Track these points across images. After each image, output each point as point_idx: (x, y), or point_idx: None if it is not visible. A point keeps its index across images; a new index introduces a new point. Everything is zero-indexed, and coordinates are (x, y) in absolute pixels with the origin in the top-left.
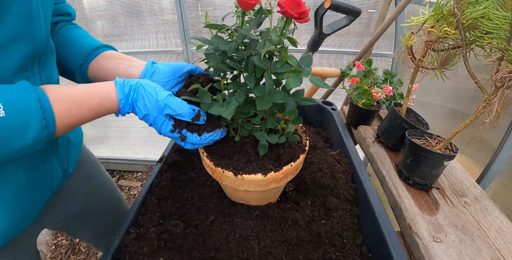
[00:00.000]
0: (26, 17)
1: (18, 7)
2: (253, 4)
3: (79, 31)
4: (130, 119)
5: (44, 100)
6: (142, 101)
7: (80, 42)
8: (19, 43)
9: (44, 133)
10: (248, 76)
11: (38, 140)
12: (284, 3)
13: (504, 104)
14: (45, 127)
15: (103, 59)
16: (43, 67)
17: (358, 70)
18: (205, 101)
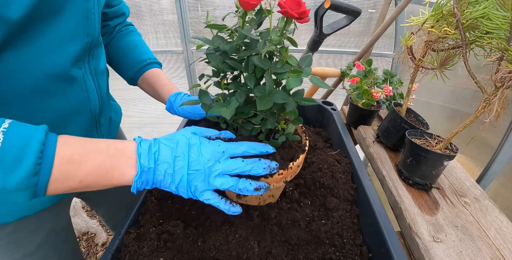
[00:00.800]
0: (84, 15)
1: (78, 6)
2: (255, 5)
3: (132, 38)
4: (130, 119)
5: (50, 146)
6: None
7: (133, 53)
8: (77, 38)
9: (33, 181)
10: (248, 76)
11: (22, 186)
12: (285, 3)
13: (504, 104)
14: (37, 174)
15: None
16: (92, 57)
17: (358, 70)
18: (205, 102)
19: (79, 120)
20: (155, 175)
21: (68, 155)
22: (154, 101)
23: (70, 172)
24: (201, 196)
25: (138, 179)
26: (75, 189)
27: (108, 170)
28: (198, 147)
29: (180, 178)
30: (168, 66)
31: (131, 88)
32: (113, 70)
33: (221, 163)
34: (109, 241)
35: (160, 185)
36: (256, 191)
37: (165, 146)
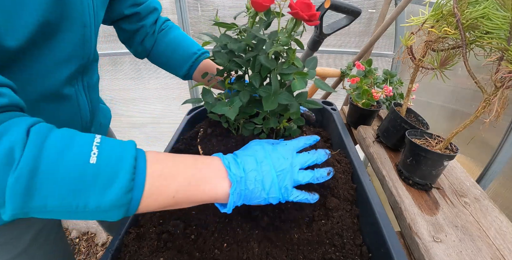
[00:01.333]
0: (80, 40)
1: (74, 33)
2: (268, 6)
3: (174, 33)
4: (130, 119)
5: (141, 161)
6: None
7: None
8: (72, 61)
9: (127, 198)
10: (253, 75)
11: (117, 203)
12: (296, 5)
13: (504, 104)
14: (131, 191)
15: (207, 65)
16: (86, 73)
17: (358, 70)
18: (208, 100)
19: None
20: (247, 185)
21: (159, 170)
22: (154, 101)
23: (162, 187)
24: (291, 195)
25: (234, 191)
26: (166, 207)
27: (199, 184)
28: (274, 149)
29: (271, 181)
30: None
31: (131, 88)
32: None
33: (295, 159)
34: (109, 241)
35: (251, 196)
36: (328, 175)
37: (246, 156)
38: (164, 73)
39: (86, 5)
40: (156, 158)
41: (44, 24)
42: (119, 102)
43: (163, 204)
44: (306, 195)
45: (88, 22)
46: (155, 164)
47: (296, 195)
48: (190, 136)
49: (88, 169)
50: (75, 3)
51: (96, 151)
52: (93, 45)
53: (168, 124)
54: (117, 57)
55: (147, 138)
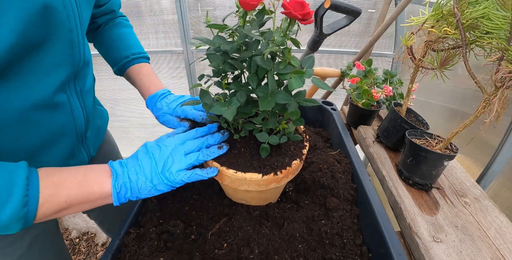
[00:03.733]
0: (68, 46)
1: (62, 39)
2: (255, 5)
3: (115, 31)
4: (130, 119)
5: (33, 179)
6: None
7: (116, 49)
8: (62, 68)
9: (23, 211)
10: (250, 76)
11: (14, 218)
12: (289, 4)
13: (504, 104)
14: (26, 205)
15: (132, 73)
16: (78, 79)
17: (358, 70)
18: (206, 101)
19: (65, 141)
20: (130, 177)
21: (50, 181)
22: None
23: (54, 194)
24: (178, 176)
25: (116, 182)
26: (61, 211)
27: (88, 184)
28: (157, 144)
29: (150, 171)
30: (168, 66)
31: (131, 88)
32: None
33: (182, 146)
34: (109, 241)
35: (138, 187)
36: (220, 149)
37: (130, 158)
38: (163, 73)
39: (70, 10)
40: (47, 172)
41: (29, 35)
42: (119, 102)
43: (58, 209)
44: (196, 171)
45: (74, 26)
46: (46, 177)
47: (184, 174)
48: None
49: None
50: (58, 9)
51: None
52: (82, 49)
53: None
54: None
55: (147, 138)
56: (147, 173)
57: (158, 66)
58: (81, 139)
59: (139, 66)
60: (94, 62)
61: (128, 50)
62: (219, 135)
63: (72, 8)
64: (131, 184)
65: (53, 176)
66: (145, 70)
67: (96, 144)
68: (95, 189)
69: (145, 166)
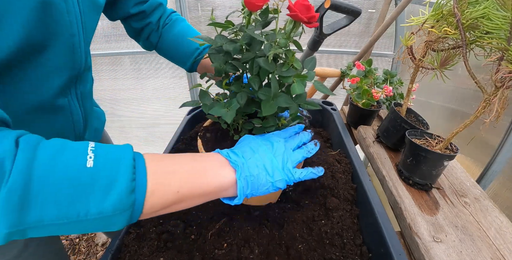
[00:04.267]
0: (70, 50)
1: (63, 43)
2: (261, 6)
3: (177, 28)
4: (130, 119)
5: (140, 161)
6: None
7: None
8: (63, 72)
9: (130, 199)
10: (252, 77)
11: (120, 206)
12: (295, 7)
13: (504, 104)
14: (133, 191)
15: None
16: (79, 83)
17: (358, 70)
18: (206, 102)
19: None
20: (250, 171)
21: (159, 167)
22: (154, 101)
23: (164, 183)
24: (296, 174)
25: (240, 176)
26: (172, 204)
27: (202, 175)
28: (265, 138)
29: (272, 165)
30: (168, 66)
31: (131, 88)
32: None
33: (287, 142)
34: (109, 241)
35: (257, 182)
36: (316, 146)
37: (242, 147)
38: (164, 73)
39: (73, 15)
40: (154, 158)
41: (30, 39)
42: (119, 102)
43: (169, 202)
44: (311, 170)
45: (76, 31)
46: (154, 162)
47: (300, 172)
48: (190, 136)
49: (85, 173)
50: (61, 14)
51: (92, 154)
52: (84, 54)
53: (168, 124)
54: (117, 57)
55: (147, 138)
56: (268, 167)
57: (158, 66)
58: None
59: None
60: (94, 62)
61: (194, 43)
62: (309, 133)
63: (75, 14)
64: (252, 179)
65: (161, 162)
66: None
67: None
68: (210, 179)
69: (264, 159)
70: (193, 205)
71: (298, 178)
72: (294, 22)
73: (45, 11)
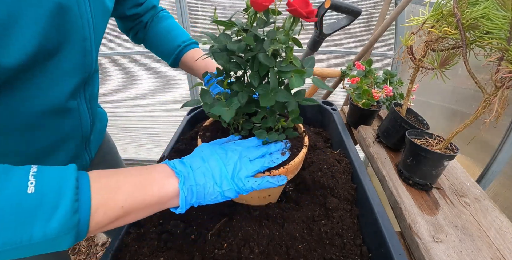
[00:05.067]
0: (81, 55)
1: (75, 47)
2: (267, 6)
3: (161, 24)
4: (130, 119)
5: (84, 181)
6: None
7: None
8: (73, 75)
9: (74, 220)
10: (252, 74)
11: (65, 228)
12: (294, 2)
13: (504, 104)
14: (76, 212)
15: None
16: (88, 85)
17: (358, 70)
18: (207, 101)
19: (70, 144)
20: (196, 180)
21: (103, 184)
22: (153, 101)
23: (109, 199)
24: (247, 184)
25: (184, 186)
26: (118, 219)
27: (146, 187)
28: (221, 147)
29: (220, 174)
30: (167, 66)
31: (130, 88)
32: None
33: (246, 151)
34: (109, 241)
35: (204, 192)
36: (283, 155)
37: (192, 157)
38: (163, 73)
39: (85, 20)
40: (99, 175)
41: (44, 45)
42: (119, 102)
43: (114, 217)
44: (267, 179)
45: (88, 35)
46: (98, 180)
47: (254, 181)
48: (190, 136)
49: (27, 199)
50: (75, 19)
51: (33, 180)
52: (94, 59)
53: (168, 124)
54: (117, 57)
55: (147, 138)
56: (216, 177)
57: (158, 66)
58: (85, 142)
59: (192, 51)
60: None
61: (178, 39)
62: (282, 144)
63: (87, 18)
64: (198, 188)
65: (106, 178)
66: (198, 53)
67: (96, 146)
68: (155, 192)
69: (213, 169)
70: (140, 217)
71: (251, 187)
72: (293, 18)
73: (59, 16)
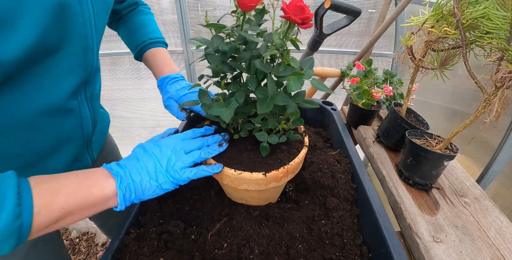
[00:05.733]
0: (83, 53)
1: (76, 45)
2: (253, 6)
3: (135, 18)
4: (129, 119)
5: (25, 186)
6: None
7: (135, 36)
8: (74, 74)
9: (17, 224)
10: (249, 78)
11: (7, 232)
12: (288, 8)
13: (504, 104)
14: (19, 216)
15: (149, 56)
16: (89, 85)
17: (358, 70)
18: (205, 102)
19: (71, 145)
20: (132, 178)
21: (43, 188)
22: (153, 101)
23: (50, 201)
24: (184, 174)
25: (121, 184)
26: (59, 221)
27: (85, 189)
28: (155, 144)
29: (155, 169)
30: None
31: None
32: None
33: (181, 144)
34: (109, 241)
35: (142, 188)
36: (220, 146)
37: (127, 159)
38: None
39: (87, 17)
40: (38, 180)
41: (44, 42)
42: (118, 102)
43: (55, 218)
44: (202, 168)
45: (89, 33)
46: (39, 185)
47: (190, 171)
48: None
49: None
50: (76, 17)
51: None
52: (95, 58)
53: (168, 124)
54: (117, 57)
55: (146, 138)
56: (151, 172)
57: None
58: (87, 143)
59: (156, 50)
60: None
61: (146, 35)
62: (220, 136)
63: (89, 16)
64: (135, 185)
65: (46, 183)
66: (161, 53)
67: (98, 147)
68: (94, 192)
69: (147, 165)
70: (82, 218)
71: (187, 177)
72: (289, 23)
73: (60, 14)
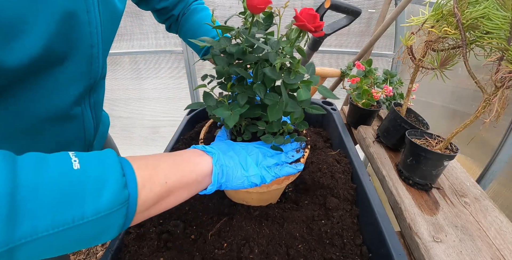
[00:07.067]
0: (88, 62)
1: (82, 54)
2: (263, 9)
3: (193, 19)
4: (130, 118)
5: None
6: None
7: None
8: (78, 82)
9: (124, 194)
10: (257, 85)
11: (116, 202)
12: (302, 16)
13: (504, 104)
14: (125, 186)
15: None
16: (93, 92)
17: (358, 70)
18: (210, 103)
19: (72, 148)
20: (225, 161)
21: (142, 163)
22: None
23: (152, 175)
24: (271, 170)
25: (217, 162)
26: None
27: (184, 164)
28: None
29: (246, 160)
30: (167, 66)
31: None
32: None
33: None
34: (109, 241)
35: (232, 174)
36: (298, 152)
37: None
38: (163, 73)
39: (94, 26)
40: (134, 157)
41: (50, 50)
42: (118, 102)
43: (158, 194)
44: (287, 165)
45: (95, 42)
46: (137, 160)
47: (276, 168)
48: (190, 136)
49: (73, 175)
50: (83, 26)
51: (75, 158)
52: (101, 64)
53: (168, 124)
54: (117, 57)
55: (146, 138)
56: (242, 162)
57: (157, 66)
58: (87, 148)
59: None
60: None
61: (209, 34)
62: (298, 144)
63: (96, 25)
64: (228, 169)
65: (142, 160)
66: None
67: (98, 149)
68: (192, 168)
69: (239, 156)
70: (180, 200)
71: (275, 173)
72: (300, 31)
73: (68, 22)
